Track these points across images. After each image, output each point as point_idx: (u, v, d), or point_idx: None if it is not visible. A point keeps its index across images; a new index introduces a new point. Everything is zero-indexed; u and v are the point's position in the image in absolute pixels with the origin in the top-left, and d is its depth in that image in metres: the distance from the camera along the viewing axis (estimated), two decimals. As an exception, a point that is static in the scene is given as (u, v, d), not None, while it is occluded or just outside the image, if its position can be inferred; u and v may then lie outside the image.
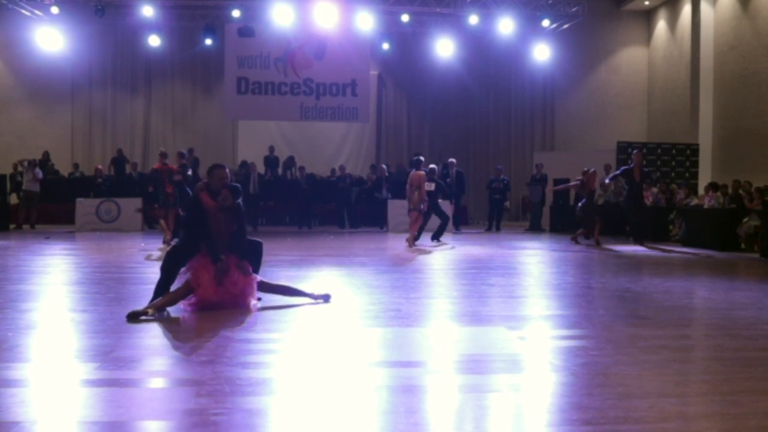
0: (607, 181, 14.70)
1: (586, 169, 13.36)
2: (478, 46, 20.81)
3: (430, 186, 12.75)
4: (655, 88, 21.82)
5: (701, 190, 15.97)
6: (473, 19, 18.54)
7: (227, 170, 5.91)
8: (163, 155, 12.93)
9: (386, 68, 21.96)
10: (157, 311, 5.41)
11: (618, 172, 14.10)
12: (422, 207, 12.35)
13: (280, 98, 19.41)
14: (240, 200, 5.82)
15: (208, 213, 5.66)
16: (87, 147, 21.41)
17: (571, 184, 14.22)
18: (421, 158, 13.10)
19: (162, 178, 12.43)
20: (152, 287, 5.83)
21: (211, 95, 21.69)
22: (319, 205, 18.70)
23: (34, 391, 3.51)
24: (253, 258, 5.99)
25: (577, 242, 13.14)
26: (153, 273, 8.32)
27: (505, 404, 3.37)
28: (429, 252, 11.53)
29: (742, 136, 17.58)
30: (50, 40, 19.02)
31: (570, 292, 7.06)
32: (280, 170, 19.25)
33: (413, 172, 12.53)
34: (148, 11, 18.11)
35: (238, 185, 5.95)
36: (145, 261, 9.83)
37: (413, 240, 12.37)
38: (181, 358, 4.19)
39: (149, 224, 16.57)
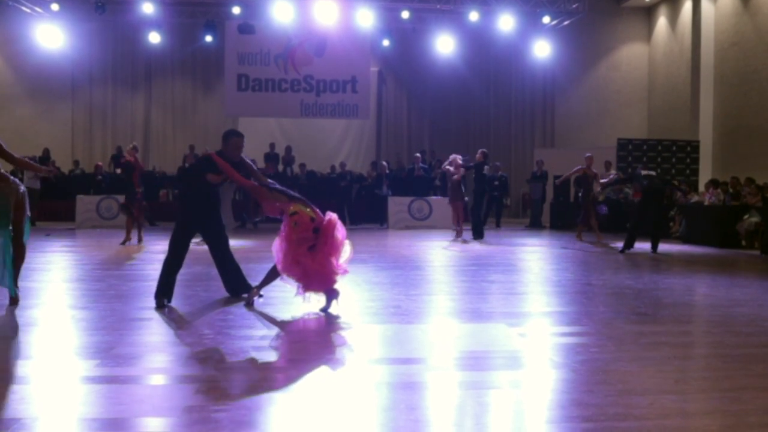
0: (603, 180, 14.06)
1: (588, 155, 13.37)
2: (478, 42, 20.78)
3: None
4: (655, 84, 21.78)
5: (702, 187, 15.95)
6: (473, 16, 18.51)
7: (244, 139, 5.71)
8: (135, 149, 12.24)
9: (386, 65, 21.93)
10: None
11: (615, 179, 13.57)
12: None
13: (280, 95, 19.39)
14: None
15: (222, 168, 5.52)
16: (87, 144, 21.41)
17: (573, 171, 13.78)
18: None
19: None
20: (152, 284, 5.83)
21: (212, 92, 21.67)
22: (319, 201, 18.62)
23: (35, 387, 3.52)
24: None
25: (580, 239, 13.12)
26: (153, 270, 8.32)
27: (506, 401, 3.37)
28: (431, 249, 11.53)
29: (743, 133, 17.55)
30: (50, 37, 18.99)
31: (570, 289, 7.06)
32: (281, 167, 19.24)
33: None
34: (148, 8, 18.09)
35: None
36: (145, 258, 9.82)
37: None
38: (182, 355, 4.19)
39: (151, 221, 16.54)
